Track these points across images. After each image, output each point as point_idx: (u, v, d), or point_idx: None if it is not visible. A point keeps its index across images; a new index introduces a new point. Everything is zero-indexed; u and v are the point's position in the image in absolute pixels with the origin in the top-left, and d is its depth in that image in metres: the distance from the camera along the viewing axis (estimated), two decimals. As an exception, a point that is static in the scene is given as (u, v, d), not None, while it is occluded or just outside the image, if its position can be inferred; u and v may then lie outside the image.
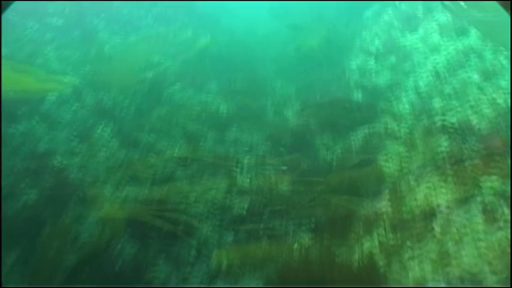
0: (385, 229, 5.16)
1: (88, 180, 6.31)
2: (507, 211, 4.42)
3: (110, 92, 7.85)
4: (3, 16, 4.52)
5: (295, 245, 5.45)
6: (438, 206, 4.95)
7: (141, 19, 10.31)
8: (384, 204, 5.51)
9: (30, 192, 5.94)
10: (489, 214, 4.51)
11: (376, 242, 5.07)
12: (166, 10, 10.87)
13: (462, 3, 6.41)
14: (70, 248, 5.46)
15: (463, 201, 4.81)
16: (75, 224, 5.72)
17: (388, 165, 6.18)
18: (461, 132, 5.74)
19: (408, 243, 4.79)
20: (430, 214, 4.93)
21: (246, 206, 6.15)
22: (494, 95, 5.91)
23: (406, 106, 7.03)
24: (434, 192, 5.15)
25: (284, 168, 6.83)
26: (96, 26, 9.29)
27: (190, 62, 9.27)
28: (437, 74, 6.94)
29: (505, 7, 4.03)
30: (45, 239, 5.45)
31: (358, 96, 8.02)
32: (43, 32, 8.42)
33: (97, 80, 7.88)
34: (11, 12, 7.98)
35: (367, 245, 5.13)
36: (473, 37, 6.97)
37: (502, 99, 5.77)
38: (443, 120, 6.09)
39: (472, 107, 5.99)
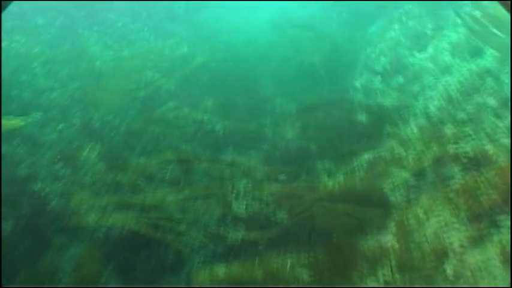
0: (391, 270, 4.81)
1: (71, 207, 6.02)
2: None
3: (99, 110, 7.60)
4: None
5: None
6: (450, 244, 4.66)
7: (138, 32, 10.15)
8: (389, 240, 5.15)
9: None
10: (507, 256, 4.20)
11: (381, 280, 4.74)
12: (163, 23, 10.66)
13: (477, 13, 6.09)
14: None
15: (478, 240, 4.53)
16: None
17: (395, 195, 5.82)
18: (476, 162, 5.41)
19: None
20: (441, 254, 4.63)
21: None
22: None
23: (415, 131, 6.70)
24: (446, 229, 4.86)
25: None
26: (88, 40, 9.07)
27: (186, 78, 8.98)
28: (449, 97, 6.68)
29: (505, 7, 3.78)
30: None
31: (362, 118, 7.70)
32: (31, 46, 8.19)
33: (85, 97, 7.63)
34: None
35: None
36: (489, 58, 6.74)
37: (522, 127, 5.51)
38: (456, 148, 5.78)
39: (488, 134, 5.69)
